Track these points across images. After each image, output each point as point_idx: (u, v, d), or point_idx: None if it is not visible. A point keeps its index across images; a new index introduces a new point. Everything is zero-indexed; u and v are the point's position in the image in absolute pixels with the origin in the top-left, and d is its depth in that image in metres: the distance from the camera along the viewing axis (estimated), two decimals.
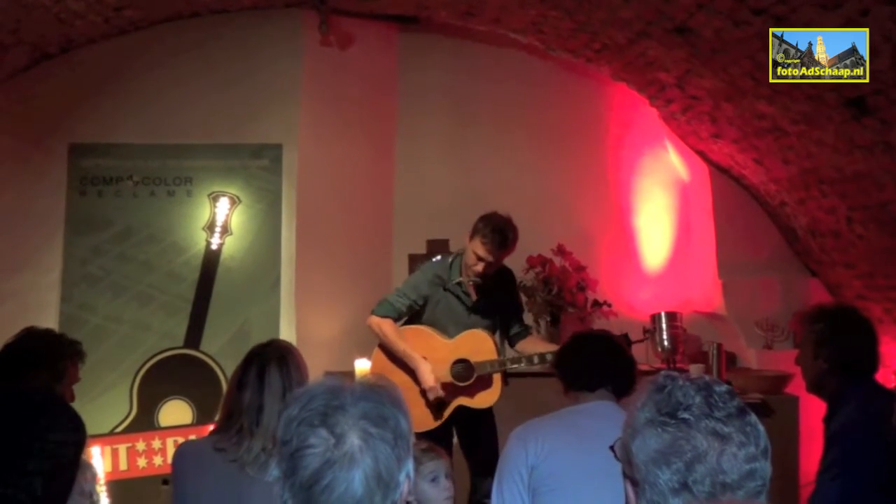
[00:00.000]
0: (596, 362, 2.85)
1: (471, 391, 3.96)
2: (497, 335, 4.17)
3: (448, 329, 4.08)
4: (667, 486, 1.34)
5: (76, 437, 1.64)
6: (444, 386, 3.95)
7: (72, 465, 1.63)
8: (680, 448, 1.33)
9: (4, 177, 5.19)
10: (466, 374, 3.95)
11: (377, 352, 4.18)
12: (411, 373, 4.01)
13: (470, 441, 4.14)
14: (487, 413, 4.12)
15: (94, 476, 1.85)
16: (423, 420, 3.98)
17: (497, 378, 3.95)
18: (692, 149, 5.50)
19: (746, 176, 5.24)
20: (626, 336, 3.74)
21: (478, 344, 3.97)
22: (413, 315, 4.22)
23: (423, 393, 3.98)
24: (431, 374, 3.95)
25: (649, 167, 5.88)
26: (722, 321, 5.48)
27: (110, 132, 5.30)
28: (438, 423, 3.98)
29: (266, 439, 2.40)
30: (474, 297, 4.09)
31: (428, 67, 5.90)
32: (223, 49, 5.36)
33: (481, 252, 3.91)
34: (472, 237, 3.96)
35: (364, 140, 5.74)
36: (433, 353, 4.01)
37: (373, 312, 4.15)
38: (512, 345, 4.22)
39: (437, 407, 3.99)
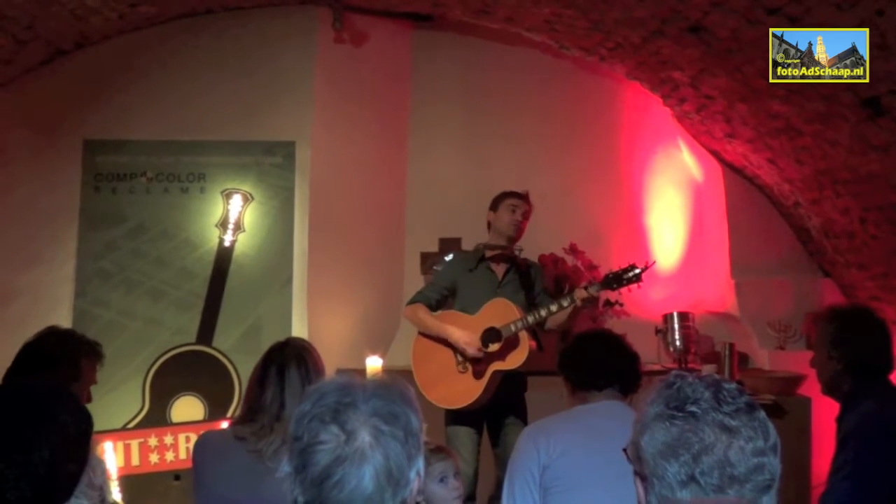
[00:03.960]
0: (602, 362, 2.84)
1: (502, 355, 4.02)
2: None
3: (478, 309, 4.15)
4: (675, 478, 1.34)
5: (83, 426, 1.63)
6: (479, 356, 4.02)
7: (79, 454, 1.62)
8: (687, 440, 1.34)
9: (19, 172, 5.22)
10: (495, 340, 4.01)
11: (417, 338, 4.28)
12: (450, 348, 4.10)
13: (499, 437, 4.17)
14: (520, 408, 4.16)
15: (104, 471, 1.85)
16: (464, 393, 4.06)
17: (524, 336, 4.00)
18: (705, 148, 5.48)
19: (760, 176, 5.22)
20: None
21: (502, 310, 4.04)
22: (447, 305, 4.33)
23: (462, 368, 4.07)
24: (464, 333, 4.05)
25: (662, 166, 5.87)
26: (734, 321, 5.46)
27: (124, 128, 5.32)
28: (478, 393, 4.02)
29: (286, 432, 2.44)
30: (500, 275, 4.21)
31: (441, 66, 5.90)
32: (237, 46, 5.38)
33: (515, 199, 4.26)
34: (497, 204, 4.28)
35: (377, 138, 5.74)
36: (463, 329, 4.09)
37: (406, 304, 4.35)
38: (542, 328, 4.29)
39: (475, 373, 4.04)
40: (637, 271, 3.91)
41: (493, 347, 4.01)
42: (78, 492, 1.63)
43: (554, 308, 3.96)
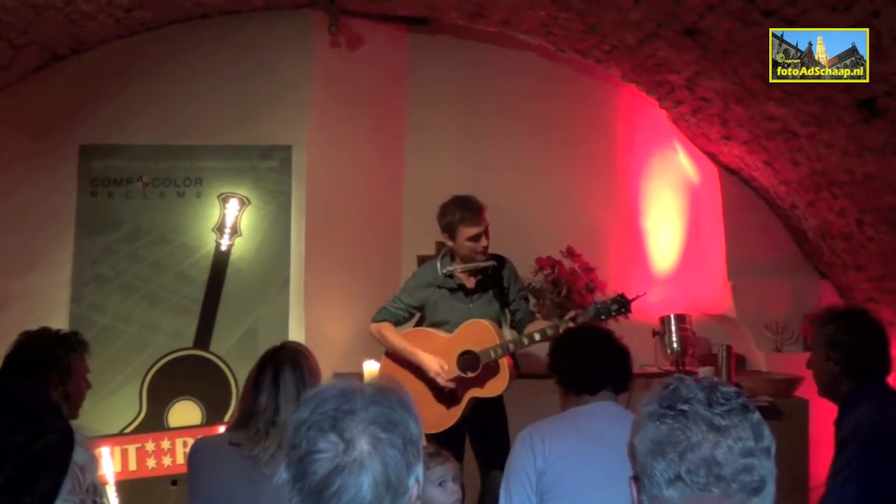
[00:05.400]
0: (596, 366, 2.82)
1: (480, 381, 3.95)
2: (506, 327, 4.17)
3: (452, 326, 4.07)
4: (662, 477, 1.33)
5: (53, 440, 1.45)
6: (454, 380, 3.94)
7: (50, 470, 1.46)
8: (675, 438, 1.33)
9: (15, 177, 5.21)
10: (473, 365, 3.93)
11: (384, 360, 4.21)
12: (420, 375, 4.01)
13: (482, 444, 4.13)
14: (499, 415, 4.12)
15: (96, 471, 1.76)
16: (439, 419, 3.98)
17: (503, 364, 3.93)
18: (702, 150, 5.49)
19: (756, 178, 5.22)
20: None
21: (478, 333, 3.96)
22: (416, 322, 4.23)
23: (435, 393, 3.98)
24: (435, 360, 3.95)
25: (659, 169, 5.87)
26: (731, 323, 5.47)
27: (120, 133, 5.31)
28: (454, 420, 3.96)
29: (282, 437, 2.44)
30: (471, 289, 4.11)
31: (437, 69, 5.90)
32: (233, 50, 5.37)
33: (474, 229, 3.98)
34: (454, 232, 4.04)
35: (373, 141, 5.74)
36: (437, 351, 4.01)
37: (372, 320, 4.22)
38: (520, 331, 4.18)
39: (450, 399, 3.97)
40: (626, 302, 3.87)
41: (471, 374, 3.93)
42: (60, 500, 1.54)
43: (538, 337, 3.88)
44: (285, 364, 2.62)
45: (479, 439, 4.13)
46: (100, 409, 4.83)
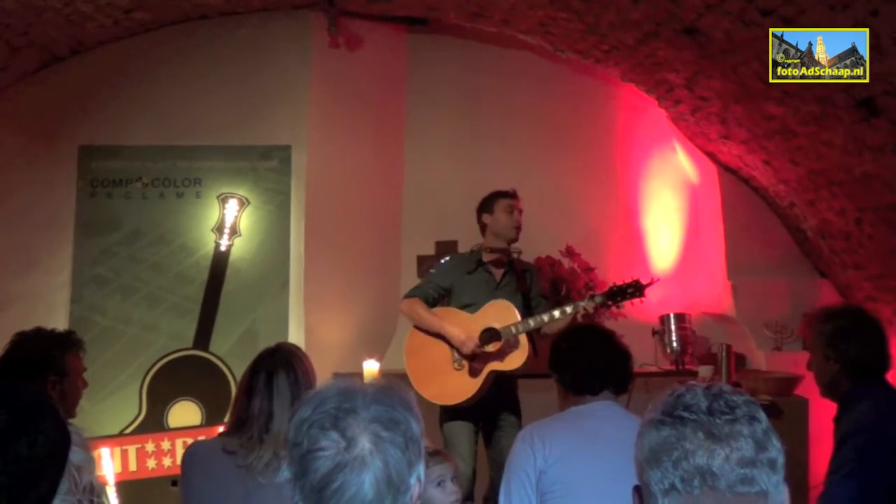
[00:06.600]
0: (597, 366, 2.81)
1: (500, 355, 4.04)
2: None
3: (475, 309, 4.17)
4: (657, 487, 1.28)
5: (51, 441, 1.45)
6: (476, 354, 4.03)
7: (47, 472, 1.45)
8: (670, 446, 1.27)
9: (14, 178, 5.21)
10: (494, 340, 4.03)
11: (412, 332, 4.28)
12: (445, 347, 4.11)
13: (494, 436, 4.18)
14: (514, 409, 4.17)
15: (94, 470, 1.75)
16: (459, 390, 4.07)
17: (524, 339, 4.03)
18: (701, 150, 5.49)
19: (755, 177, 5.23)
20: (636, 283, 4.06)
21: (501, 311, 4.07)
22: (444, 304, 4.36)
23: (459, 363, 4.08)
24: (462, 331, 4.06)
25: (658, 168, 5.87)
26: (731, 323, 5.47)
27: (120, 134, 5.32)
28: (473, 391, 4.04)
29: (276, 445, 2.40)
30: (498, 278, 4.23)
31: (437, 69, 5.91)
32: (232, 51, 5.38)
33: (510, 201, 4.24)
34: (492, 207, 4.26)
35: (372, 141, 5.74)
36: (461, 327, 4.10)
37: (403, 297, 4.35)
38: None
39: (470, 371, 4.07)
40: (641, 287, 4.01)
41: (492, 347, 4.02)
42: (57, 500, 1.52)
43: (557, 314, 3.98)
44: (279, 368, 2.56)
45: (492, 431, 4.18)
46: (100, 410, 4.84)
